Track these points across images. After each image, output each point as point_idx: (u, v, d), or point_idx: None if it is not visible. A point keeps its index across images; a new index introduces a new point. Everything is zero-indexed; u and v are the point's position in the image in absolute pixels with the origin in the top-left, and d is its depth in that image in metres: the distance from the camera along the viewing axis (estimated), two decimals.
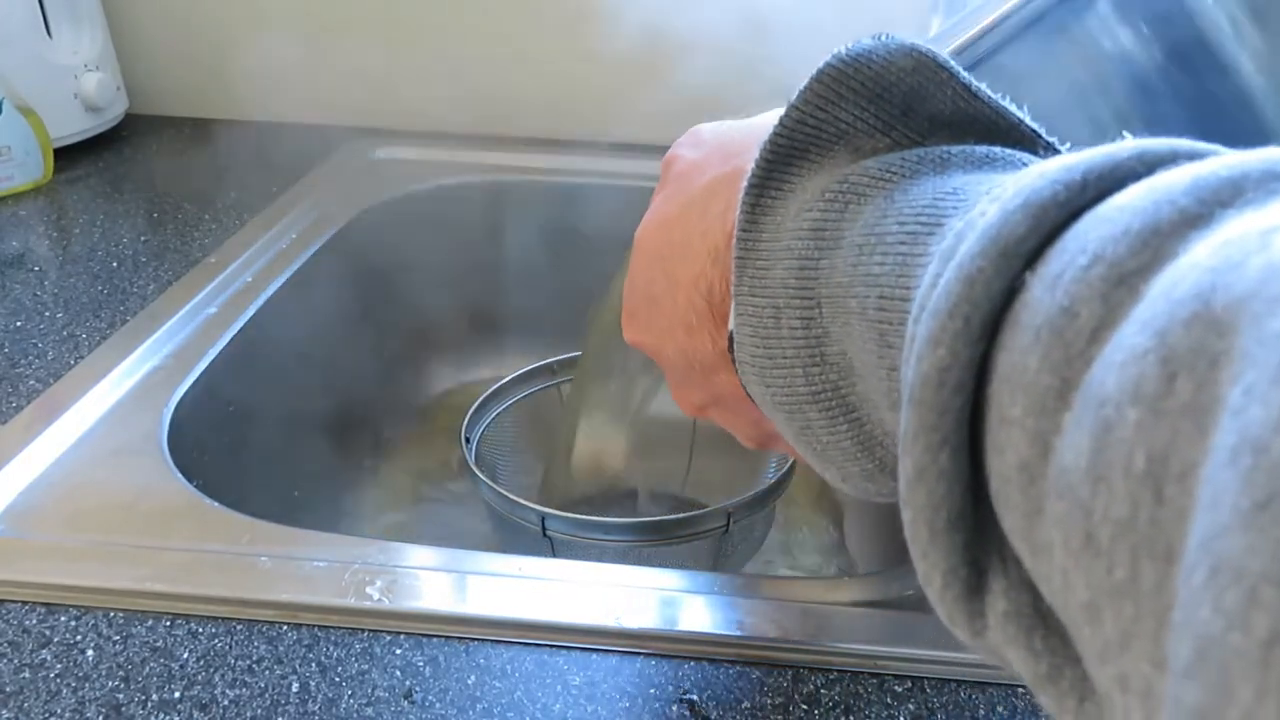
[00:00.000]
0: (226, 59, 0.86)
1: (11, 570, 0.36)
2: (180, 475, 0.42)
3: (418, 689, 0.32)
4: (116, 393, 0.48)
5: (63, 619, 0.35)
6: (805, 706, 0.32)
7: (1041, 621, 0.16)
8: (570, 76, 0.82)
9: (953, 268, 0.17)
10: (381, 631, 0.35)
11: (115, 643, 0.34)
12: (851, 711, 0.32)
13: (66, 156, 0.75)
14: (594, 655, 0.34)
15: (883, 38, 0.21)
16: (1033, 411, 0.15)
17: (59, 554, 0.37)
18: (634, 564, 0.43)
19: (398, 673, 0.33)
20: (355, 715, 0.31)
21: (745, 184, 0.22)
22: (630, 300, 0.30)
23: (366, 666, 0.33)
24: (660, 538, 0.47)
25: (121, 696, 0.32)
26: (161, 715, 0.31)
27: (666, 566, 0.46)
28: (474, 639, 0.34)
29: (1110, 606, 0.14)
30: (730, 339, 0.23)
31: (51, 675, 0.32)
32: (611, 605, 0.36)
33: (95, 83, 0.75)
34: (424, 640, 0.34)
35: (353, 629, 0.35)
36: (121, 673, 0.33)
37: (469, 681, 0.33)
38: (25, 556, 0.37)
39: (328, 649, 0.34)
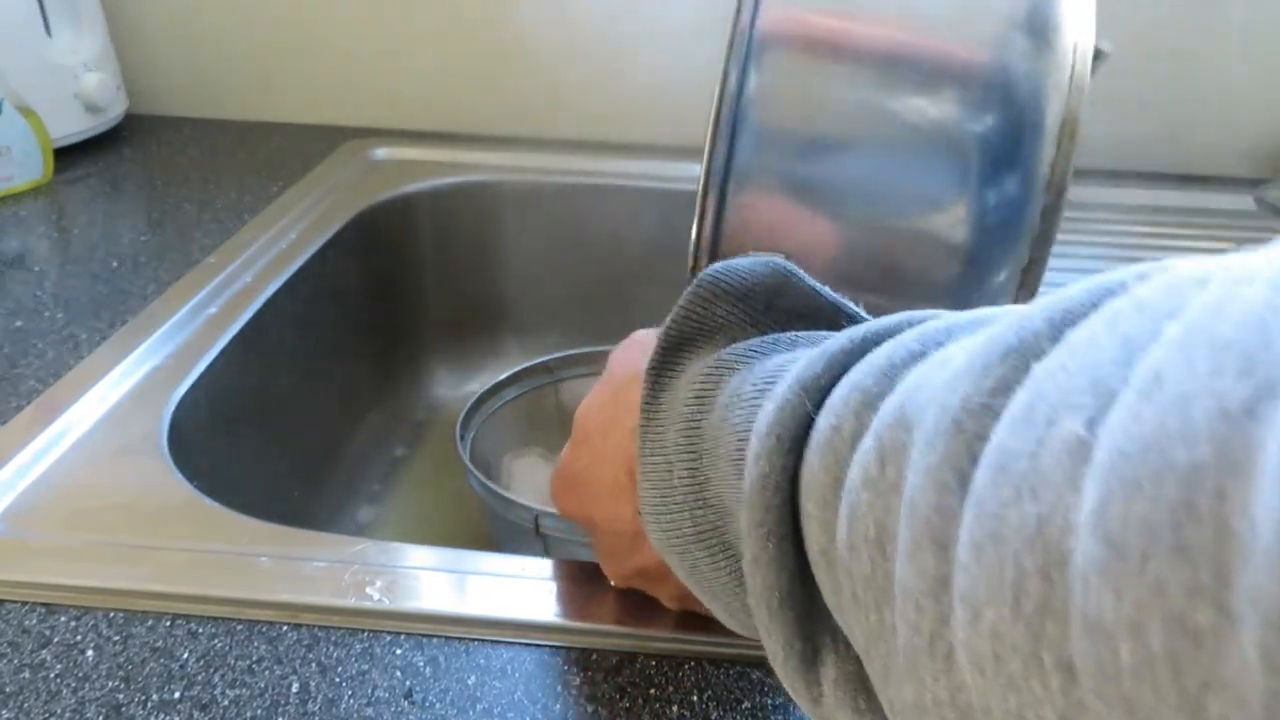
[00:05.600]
0: (226, 59, 0.86)
1: (11, 570, 0.36)
2: (180, 475, 0.42)
3: (418, 689, 0.32)
4: (116, 393, 0.47)
5: (63, 619, 0.35)
6: None
7: (864, 684, 0.20)
8: (570, 77, 0.82)
9: (770, 399, 0.22)
10: (381, 631, 0.35)
11: (115, 643, 0.34)
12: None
13: (66, 156, 0.75)
14: (594, 655, 0.34)
15: (749, 254, 0.28)
16: (820, 505, 0.20)
17: (59, 554, 0.37)
18: None
19: (398, 673, 0.33)
20: (355, 715, 0.31)
21: (646, 367, 0.27)
22: (563, 476, 0.34)
23: (366, 666, 0.33)
24: None
25: (121, 696, 0.32)
26: (161, 715, 0.31)
27: None
28: (474, 639, 0.34)
29: (873, 647, 0.18)
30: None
31: (51, 675, 0.32)
32: (611, 605, 0.36)
33: (95, 83, 0.75)
34: (424, 640, 0.34)
35: (353, 629, 0.35)
36: (121, 673, 0.33)
37: (469, 681, 0.33)
38: (25, 556, 0.37)
39: (328, 649, 0.34)
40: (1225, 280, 0.13)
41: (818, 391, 0.21)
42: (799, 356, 0.24)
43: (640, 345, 0.34)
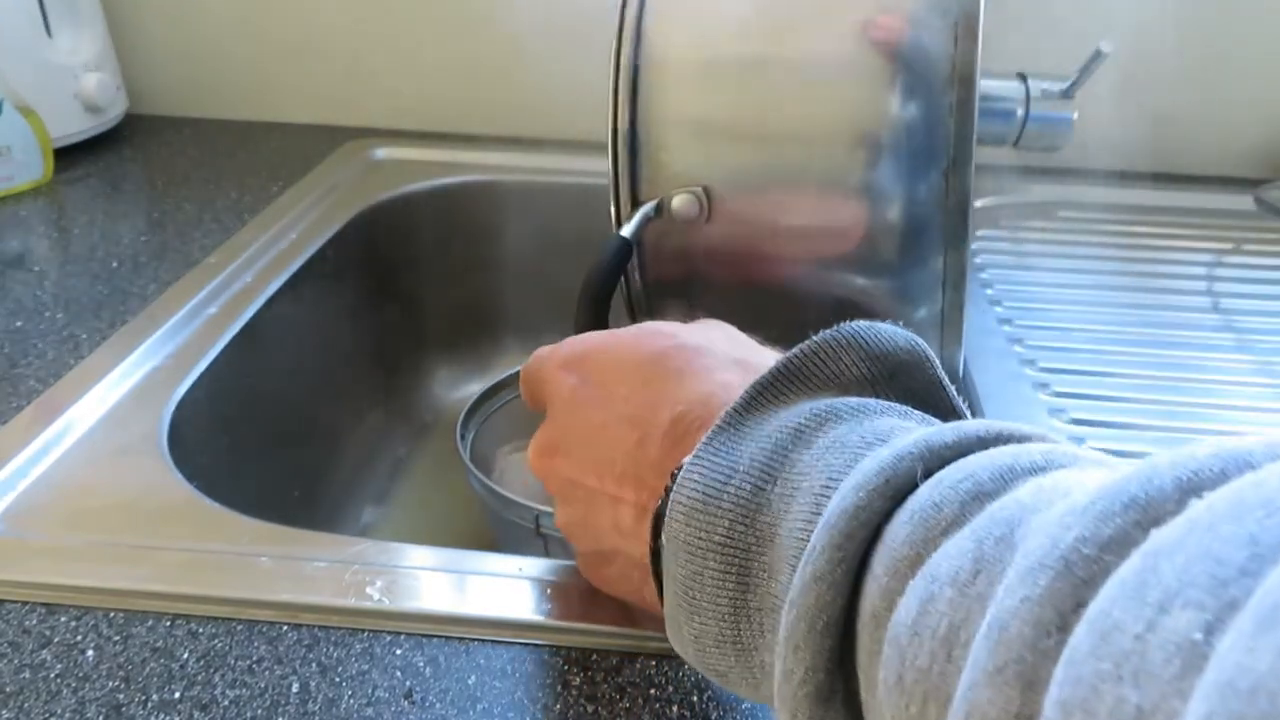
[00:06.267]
0: (226, 59, 0.86)
1: (11, 570, 0.36)
2: (180, 475, 0.42)
3: (418, 689, 0.32)
4: (116, 393, 0.48)
5: (63, 619, 0.35)
6: None
7: None
8: (571, 76, 0.82)
9: (889, 448, 0.22)
10: (381, 631, 0.35)
11: (115, 643, 0.34)
12: None
13: (66, 156, 0.75)
14: (594, 655, 0.34)
15: (898, 324, 0.28)
16: (889, 573, 0.20)
17: (59, 554, 0.37)
18: None
19: (398, 673, 0.33)
20: (355, 715, 0.31)
21: (757, 379, 0.27)
22: (587, 352, 0.33)
23: (366, 666, 0.33)
24: None
25: (122, 697, 0.32)
26: (161, 715, 0.31)
27: None
28: (474, 639, 0.34)
29: None
30: (673, 476, 0.27)
31: (52, 675, 0.32)
32: (611, 606, 0.36)
33: (95, 83, 0.75)
34: (424, 640, 0.34)
35: (353, 629, 0.35)
36: (121, 673, 0.33)
37: (469, 681, 0.33)
38: (25, 556, 0.37)
39: (328, 649, 0.34)
40: None
41: (937, 460, 0.21)
42: (913, 427, 0.24)
43: (728, 342, 0.33)
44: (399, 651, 0.34)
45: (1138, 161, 0.82)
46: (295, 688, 0.32)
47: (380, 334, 0.74)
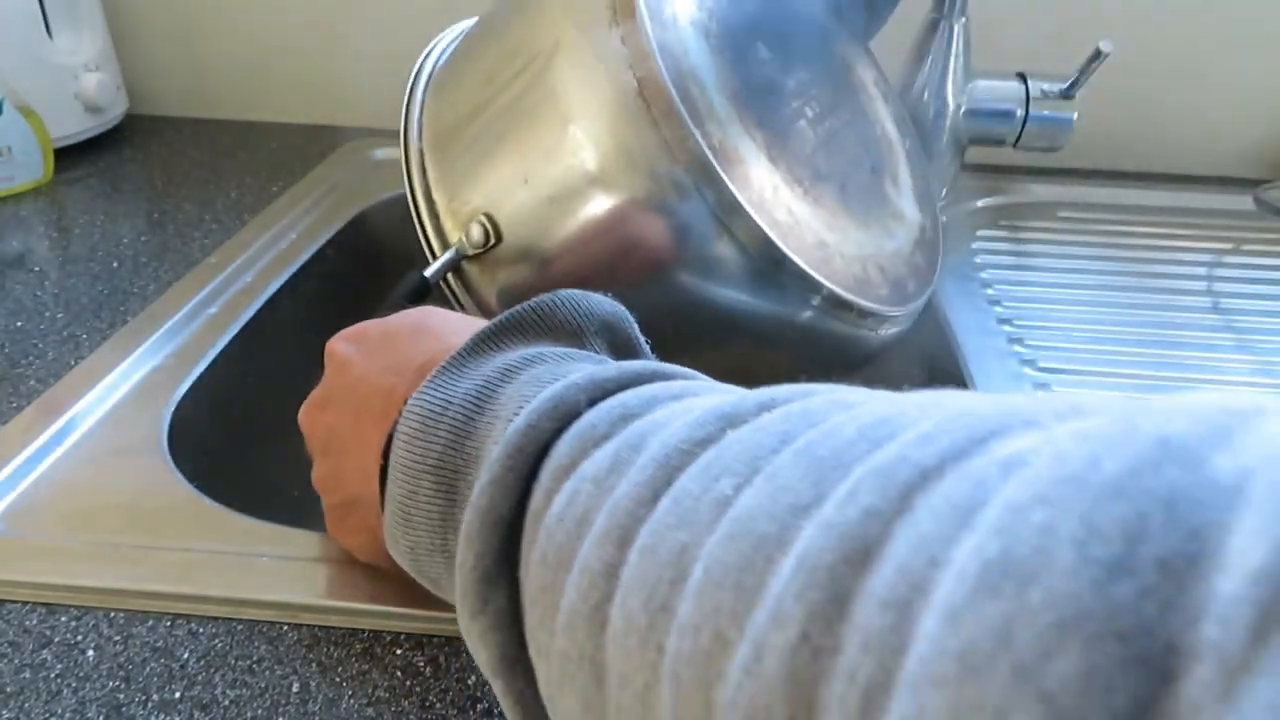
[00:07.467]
0: (227, 59, 0.86)
1: (11, 570, 0.36)
2: (180, 475, 0.42)
3: (417, 689, 0.32)
4: (116, 393, 0.48)
5: (63, 619, 0.35)
6: None
7: (516, 624, 0.24)
8: None
9: (563, 382, 0.26)
10: (382, 631, 0.35)
11: (115, 643, 0.34)
12: None
13: (66, 156, 0.75)
14: None
15: (607, 295, 0.32)
16: (551, 477, 0.24)
17: (59, 554, 0.37)
18: None
19: (398, 673, 0.33)
20: (355, 715, 0.31)
21: (479, 330, 0.31)
22: (367, 328, 0.37)
23: (366, 666, 0.33)
24: None
25: (122, 696, 0.32)
26: (162, 715, 0.31)
27: None
28: None
29: (542, 598, 0.22)
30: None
31: (52, 675, 0.32)
32: None
33: (95, 83, 0.75)
34: (424, 640, 0.34)
35: (353, 629, 0.35)
36: (122, 673, 0.33)
37: (469, 681, 0.33)
38: (25, 556, 0.37)
39: (328, 649, 0.34)
40: (856, 414, 0.19)
41: (601, 391, 0.25)
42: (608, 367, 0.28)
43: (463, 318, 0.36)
44: (399, 651, 0.34)
45: (1138, 161, 0.82)
46: (295, 688, 0.32)
47: None
